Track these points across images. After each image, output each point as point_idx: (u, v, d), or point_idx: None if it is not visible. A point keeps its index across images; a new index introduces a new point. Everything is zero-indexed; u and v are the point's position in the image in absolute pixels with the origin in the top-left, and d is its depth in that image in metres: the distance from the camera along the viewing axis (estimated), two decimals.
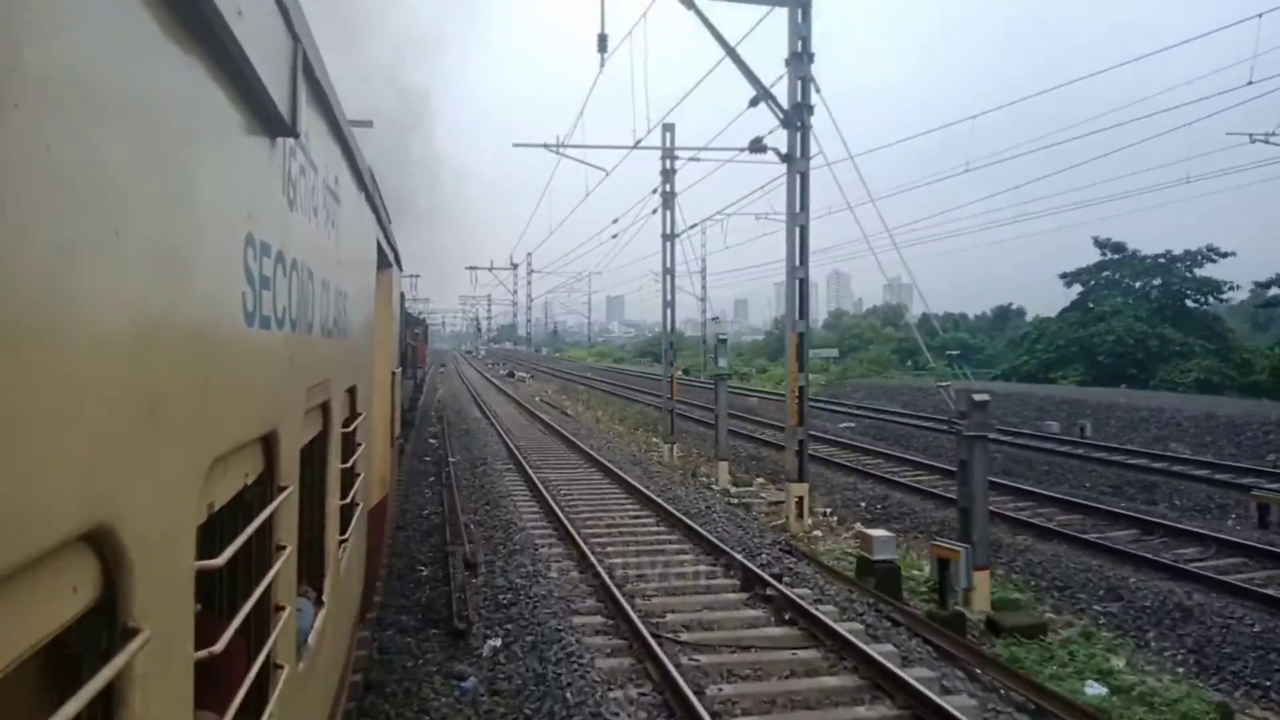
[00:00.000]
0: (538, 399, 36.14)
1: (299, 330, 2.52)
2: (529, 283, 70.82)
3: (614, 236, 30.79)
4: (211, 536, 1.84)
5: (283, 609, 2.39)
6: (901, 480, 16.23)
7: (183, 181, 1.43)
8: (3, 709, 1.10)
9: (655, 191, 21.45)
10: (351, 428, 4.14)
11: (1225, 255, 41.72)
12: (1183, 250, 42.76)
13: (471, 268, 71.78)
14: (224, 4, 1.45)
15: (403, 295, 14.52)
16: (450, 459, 18.18)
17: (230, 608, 2.15)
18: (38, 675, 1.15)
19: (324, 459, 3.30)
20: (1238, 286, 43.41)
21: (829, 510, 14.40)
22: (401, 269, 9.51)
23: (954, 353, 23.72)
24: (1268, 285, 43.58)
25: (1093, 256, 46.38)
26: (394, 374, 8.46)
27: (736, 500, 14.86)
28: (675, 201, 20.70)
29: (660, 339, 24.64)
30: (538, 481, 14.81)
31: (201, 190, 1.53)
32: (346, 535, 3.94)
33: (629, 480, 14.80)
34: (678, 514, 12.14)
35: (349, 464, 4.03)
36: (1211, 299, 42.40)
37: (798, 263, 12.90)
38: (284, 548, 2.39)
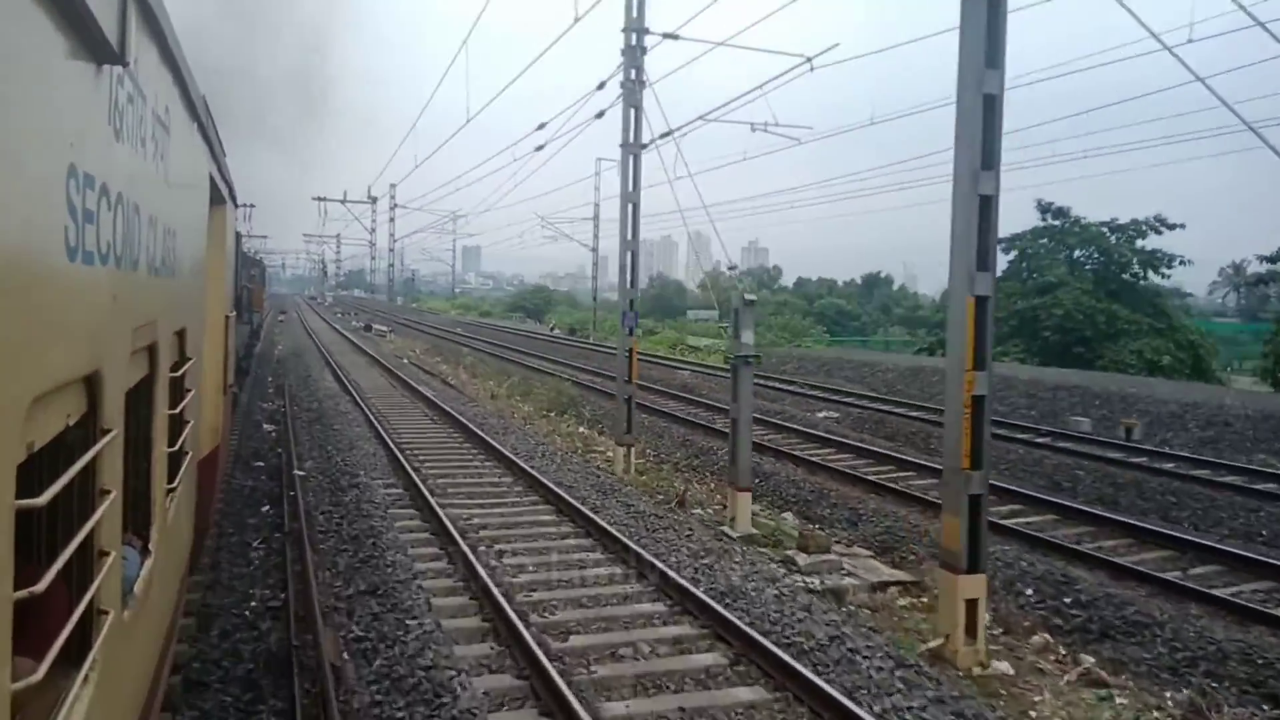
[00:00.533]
0: (406, 361, 34.24)
1: (124, 267, 2.74)
2: (391, 219, 66.83)
3: (539, 148, 24.82)
4: (31, 478, 1.96)
5: (106, 554, 2.62)
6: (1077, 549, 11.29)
7: None
8: None
9: (601, 87, 17.82)
10: (180, 372, 4.45)
11: (1174, 227, 44.70)
12: (1129, 219, 45.38)
13: (320, 199, 67.35)
14: None
15: (238, 234, 14.31)
16: (296, 470, 13.03)
17: (50, 553, 2.32)
18: None
19: (150, 404, 3.60)
20: (1189, 262, 46.37)
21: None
22: (236, 204, 9.59)
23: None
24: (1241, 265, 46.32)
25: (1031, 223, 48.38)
26: (228, 318, 8.68)
27: (808, 582, 9.64)
28: (643, 95, 16.37)
29: (529, 293, 25.64)
30: (459, 538, 9.63)
31: (18, 119, 1.65)
32: (175, 484, 4.28)
33: (624, 540, 9.86)
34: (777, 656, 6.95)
35: (177, 410, 4.35)
36: (1158, 274, 45.24)
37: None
38: (108, 492, 2.64)
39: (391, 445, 15.19)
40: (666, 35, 16.59)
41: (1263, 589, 9.94)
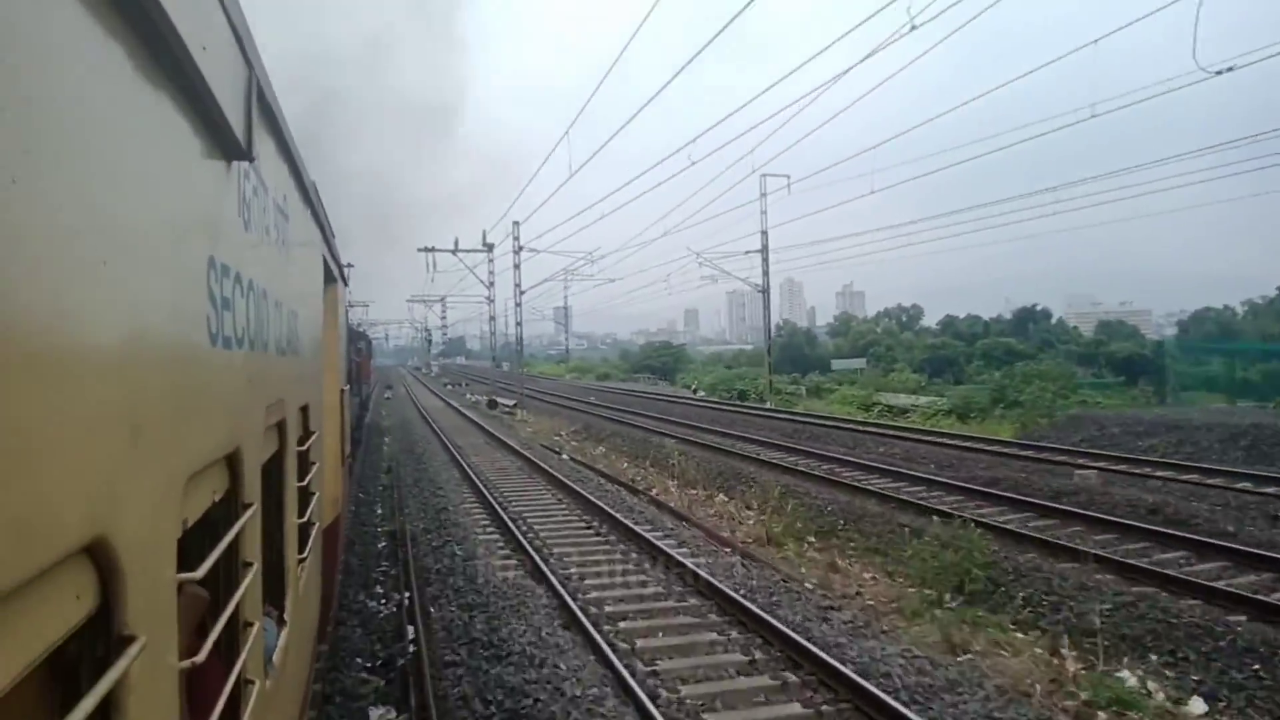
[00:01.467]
0: (565, 457, 25.26)
1: (256, 349, 2.96)
2: (516, 265, 50.69)
3: (692, 162, 29.50)
4: (185, 553, 2.09)
5: (251, 625, 2.82)
6: None
7: (153, 208, 1.73)
8: (8, 713, 1.21)
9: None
10: (306, 446, 4.66)
11: None
12: None
13: (428, 249, 55.85)
14: (191, 40, 1.77)
15: (348, 308, 15.05)
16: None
17: (200, 627, 2.46)
18: (38, 683, 1.34)
19: (281, 477, 3.81)
20: None
21: None
22: (347, 284, 10.09)
23: None
24: None
25: None
26: (342, 391, 9.07)
27: None
28: None
29: (652, 351, 25.39)
30: None
31: (168, 216, 1.85)
32: (305, 554, 4.46)
33: None
34: None
35: (305, 482, 4.54)
36: None
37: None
38: (250, 564, 2.84)
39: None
40: None
41: None
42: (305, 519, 4.63)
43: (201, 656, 2.01)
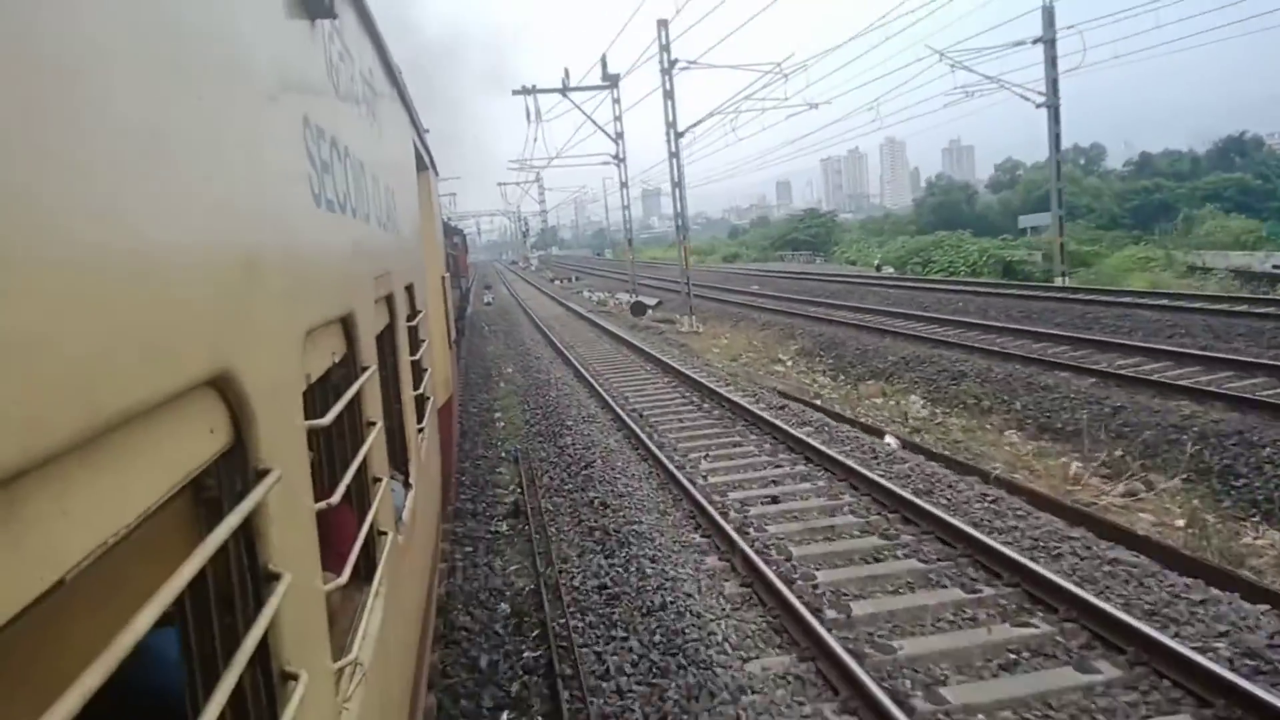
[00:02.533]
0: (892, 441, 13.09)
1: (359, 218, 3.13)
2: (668, 95, 31.51)
3: None
4: (311, 408, 2.25)
5: (379, 480, 3.07)
6: None
7: (245, 61, 1.76)
8: (156, 541, 1.30)
9: None
10: (414, 322, 4.78)
11: None
12: None
13: (527, 89, 37.59)
14: None
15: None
16: None
17: (333, 481, 2.58)
18: (185, 515, 1.44)
19: (394, 349, 3.95)
20: None
21: None
22: (438, 173, 10.16)
23: None
24: None
25: None
26: (444, 278, 9.28)
27: None
28: None
29: (797, 223, 17.90)
30: None
31: (260, 68, 1.87)
32: (423, 425, 4.65)
33: None
34: None
35: (416, 356, 4.71)
36: None
37: None
38: (374, 423, 3.07)
39: None
40: None
41: None
42: (420, 391, 4.83)
43: (336, 498, 2.20)
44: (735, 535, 8.70)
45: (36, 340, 0.87)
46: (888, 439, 12.93)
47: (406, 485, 4.18)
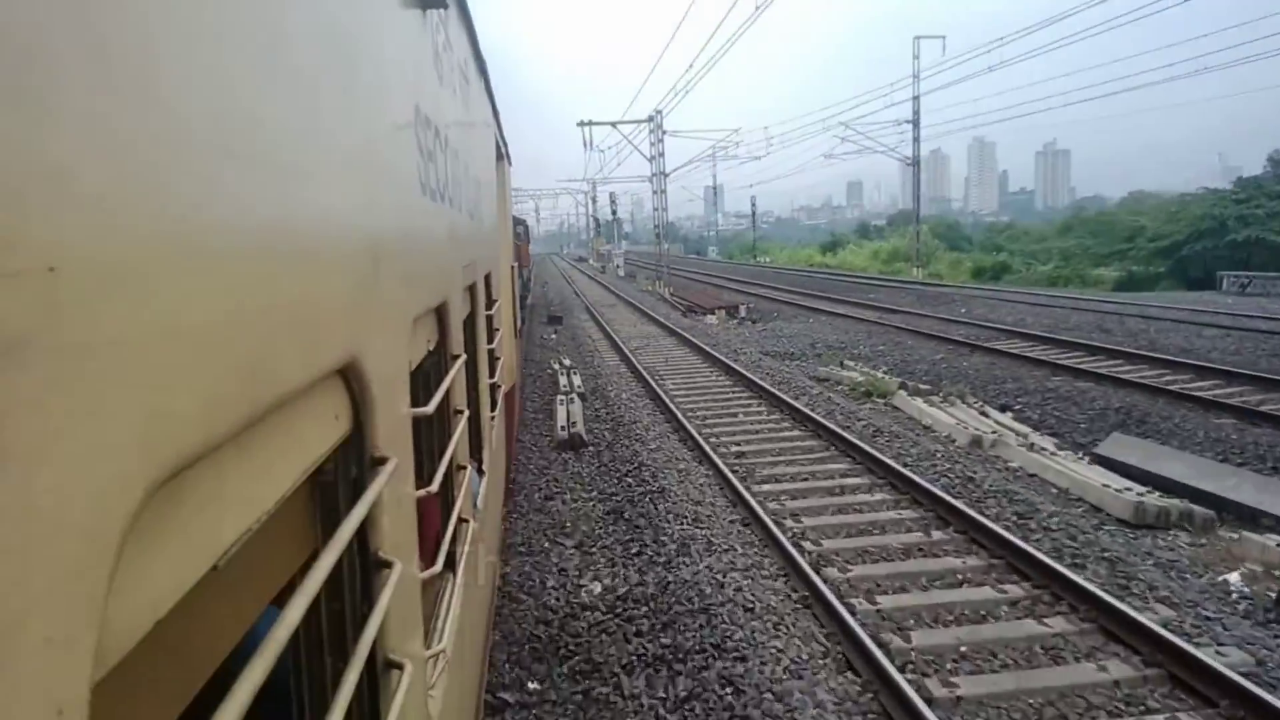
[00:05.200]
0: None
1: (454, 207, 3.12)
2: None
3: None
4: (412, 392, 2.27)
5: (464, 469, 3.08)
6: None
7: (366, 48, 1.73)
8: (279, 528, 1.30)
9: None
10: (492, 311, 4.81)
11: None
12: None
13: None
14: None
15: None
16: None
17: (418, 470, 2.59)
18: (301, 499, 1.43)
19: (475, 337, 3.95)
20: None
21: None
22: (511, 163, 10.24)
23: None
24: None
25: None
26: (513, 267, 9.32)
27: None
28: None
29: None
30: None
31: (379, 56, 1.85)
32: (494, 412, 4.67)
33: None
34: None
35: (493, 344, 4.73)
36: None
37: None
38: (461, 412, 3.07)
39: None
40: None
41: None
42: (494, 379, 4.86)
43: (435, 486, 2.22)
44: None
45: (214, 334, 0.89)
46: None
47: (479, 472, 4.21)
